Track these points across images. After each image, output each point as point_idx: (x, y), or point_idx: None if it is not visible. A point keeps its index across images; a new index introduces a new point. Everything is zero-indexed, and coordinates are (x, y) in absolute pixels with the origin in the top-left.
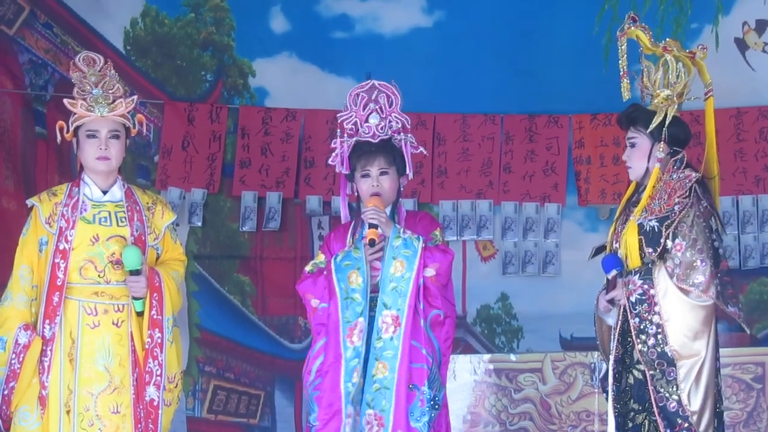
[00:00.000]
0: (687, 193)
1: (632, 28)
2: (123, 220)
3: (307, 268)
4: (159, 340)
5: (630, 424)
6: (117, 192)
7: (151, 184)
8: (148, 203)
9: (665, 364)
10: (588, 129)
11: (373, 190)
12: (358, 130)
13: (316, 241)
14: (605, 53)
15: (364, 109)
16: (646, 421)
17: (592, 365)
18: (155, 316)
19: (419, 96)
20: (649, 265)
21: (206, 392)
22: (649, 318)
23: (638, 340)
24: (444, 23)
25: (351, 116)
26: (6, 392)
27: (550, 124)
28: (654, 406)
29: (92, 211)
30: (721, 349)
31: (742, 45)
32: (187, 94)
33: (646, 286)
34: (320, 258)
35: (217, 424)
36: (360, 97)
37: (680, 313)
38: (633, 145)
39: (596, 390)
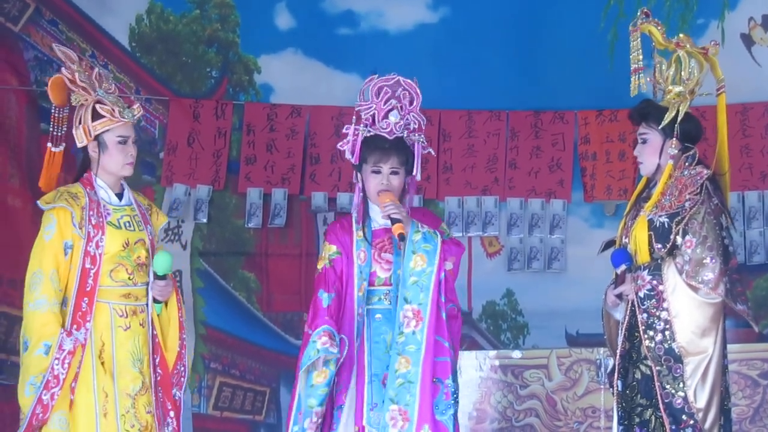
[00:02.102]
0: (698, 190)
1: (645, 23)
2: (140, 223)
3: (323, 263)
4: (185, 343)
5: (637, 419)
6: (129, 196)
7: (156, 180)
8: (146, 206)
9: (672, 361)
10: (594, 125)
11: (381, 187)
12: (374, 122)
13: (321, 238)
14: (610, 49)
15: (385, 103)
16: (653, 417)
17: (598, 361)
18: (181, 319)
19: (424, 92)
20: (659, 261)
21: (212, 389)
22: (657, 314)
23: (645, 336)
24: (449, 19)
25: (370, 107)
26: (46, 397)
27: (556, 120)
28: (660, 402)
29: (115, 215)
30: (727, 345)
31: (748, 40)
32: (193, 91)
33: (655, 282)
34: (332, 249)
35: (223, 420)
36: (383, 91)
37: (688, 309)
38: (645, 141)
39: (602, 386)
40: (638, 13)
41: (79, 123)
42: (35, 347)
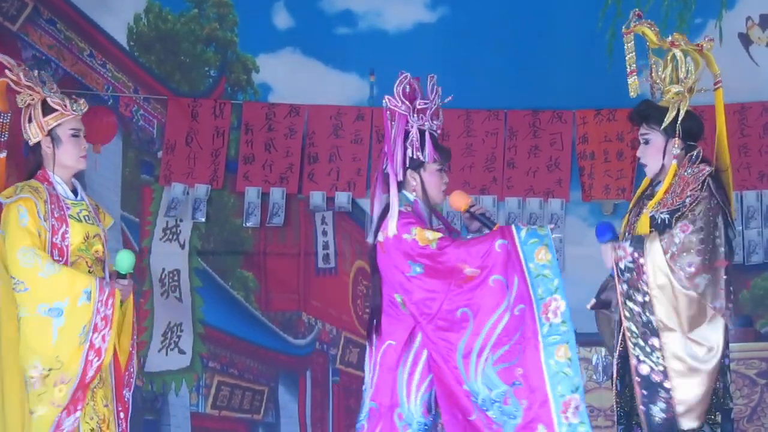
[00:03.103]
0: (700, 186)
1: (638, 25)
2: (95, 218)
3: (433, 235)
4: (136, 343)
5: (636, 419)
6: (81, 192)
7: (154, 179)
8: (94, 205)
9: (648, 333)
10: (592, 124)
11: (444, 186)
12: (428, 120)
13: (319, 237)
14: (609, 49)
15: (435, 104)
16: None
17: (596, 361)
18: (132, 319)
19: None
20: (641, 235)
21: (210, 388)
22: (636, 285)
23: (624, 308)
24: (448, 19)
25: (428, 105)
26: (97, 340)
27: (554, 119)
28: (634, 374)
29: (74, 209)
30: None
31: (745, 40)
32: (191, 90)
33: (636, 255)
34: (435, 234)
35: (221, 419)
36: (436, 92)
37: (667, 288)
38: (647, 142)
39: (600, 385)
40: (630, 15)
41: (30, 121)
42: (77, 298)
